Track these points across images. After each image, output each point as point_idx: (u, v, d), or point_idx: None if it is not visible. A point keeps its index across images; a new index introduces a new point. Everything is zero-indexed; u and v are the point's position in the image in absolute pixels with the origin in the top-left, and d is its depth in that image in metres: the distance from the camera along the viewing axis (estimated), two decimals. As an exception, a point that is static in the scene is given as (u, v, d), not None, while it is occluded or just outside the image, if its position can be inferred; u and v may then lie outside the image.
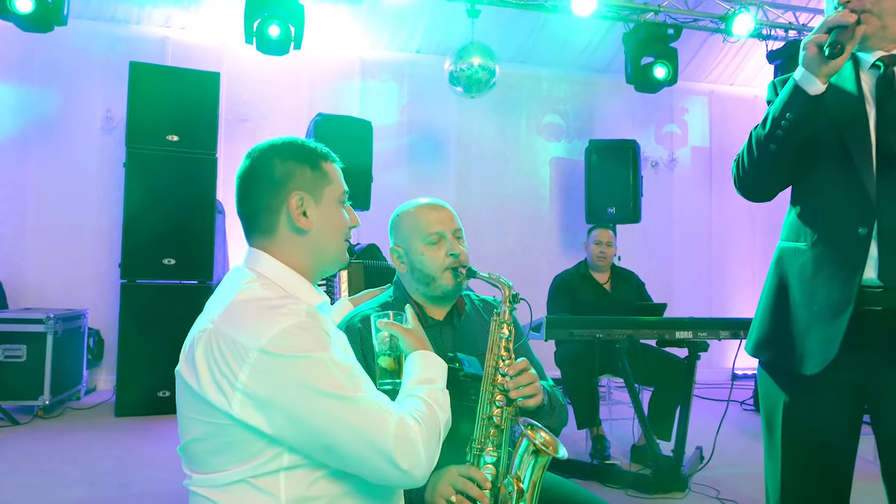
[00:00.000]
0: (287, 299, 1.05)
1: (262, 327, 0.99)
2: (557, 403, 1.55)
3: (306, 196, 1.14)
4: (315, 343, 1.00)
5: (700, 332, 3.10)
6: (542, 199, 6.02)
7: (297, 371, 0.98)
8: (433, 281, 1.54)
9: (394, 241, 1.61)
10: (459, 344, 1.58)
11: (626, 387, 3.09)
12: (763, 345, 1.49)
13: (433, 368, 1.21)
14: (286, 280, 1.12)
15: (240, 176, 1.16)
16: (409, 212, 1.59)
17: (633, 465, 3.30)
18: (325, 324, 1.09)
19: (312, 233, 1.14)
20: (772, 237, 6.49)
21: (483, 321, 1.63)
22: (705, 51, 6.02)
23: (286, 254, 1.14)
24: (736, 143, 6.57)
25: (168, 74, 4.49)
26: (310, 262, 1.16)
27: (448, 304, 1.60)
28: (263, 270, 1.12)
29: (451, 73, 4.72)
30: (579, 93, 6.14)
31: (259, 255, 1.14)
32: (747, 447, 3.83)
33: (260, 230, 1.14)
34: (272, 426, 0.98)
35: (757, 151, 1.47)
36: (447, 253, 1.53)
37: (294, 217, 1.12)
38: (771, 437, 1.47)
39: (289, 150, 1.16)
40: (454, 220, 1.58)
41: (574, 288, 3.77)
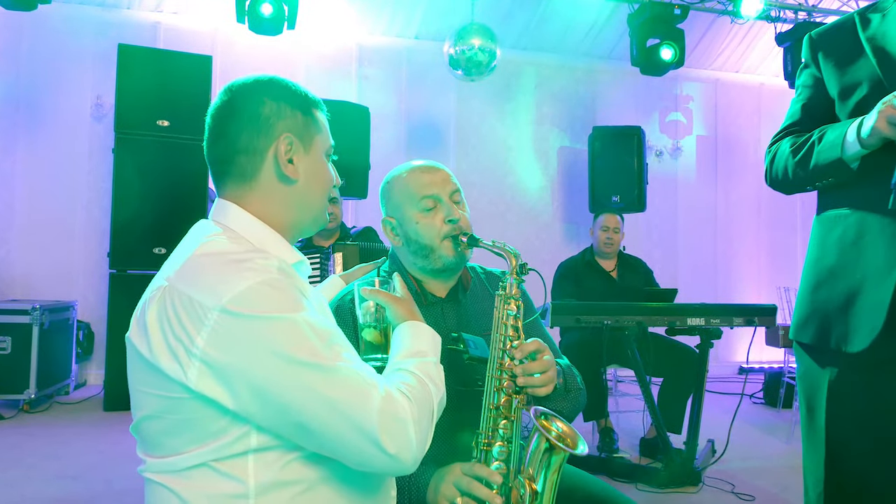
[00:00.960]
0: (255, 253, 0.91)
1: (224, 284, 0.85)
2: (573, 385, 1.39)
3: (296, 141, 1.00)
4: (286, 302, 0.86)
5: (713, 319, 2.96)
6: (543, 188, 5.88)
7: (264, 334, 0.83)
8: (431, 252, 1.37)
9: (385, 212, 1.44)
10: (464, 322, 1.42)
11: (637, 377, 2.95)
12: (803, 324, 1.36)
13: (424, 340, 1.07)
14: (258, 235, 0.98)
15: (215, 113, 1.01)
16: (399, 176, 1.42)
17: (643, 459, 3.17)
18: (301, 283, 0.95)
19: (299, 183, 1.01)
20: (778, 227, 6.42)
21: (490, 296, 1.45)
22: (711, 36, 5.87)
23: (264, 205, 1.00)
24: (741, 132, 6.47)
25: (158, 57, 4.35)
26: (291, 217, 1.02)
27: (451, 279, 1.44)
28: (231, 223, 0.98)
29: (451, 55, 4.58)
30: (581, 80, 6.00)
31: (228, 207, 1.00)
32: (760, 440, 3.70)
33: (236, 176, 0.99)
34: (235, 400, 0.84)
35: (793, 176, 1.39)
36: (445, 219, 1.36)
37: (281, 163, 0.98)
38: (812, 424, 1.32)
39: (279, 90, 1.02)
40: (451, 180, 1.41)
41: (579, 275, 3.63)
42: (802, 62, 1.47)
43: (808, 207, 6.48)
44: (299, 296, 0.89)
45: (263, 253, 0.93)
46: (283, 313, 0.85)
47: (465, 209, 1.41)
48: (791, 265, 6.43)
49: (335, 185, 1.09)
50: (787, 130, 1.45)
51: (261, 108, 0.99)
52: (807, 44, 1.46)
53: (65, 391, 4.35)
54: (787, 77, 4.86)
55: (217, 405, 0.84)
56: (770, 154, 1.47)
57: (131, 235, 4.08)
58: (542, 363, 1.20)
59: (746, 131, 6.42)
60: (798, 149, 1.36)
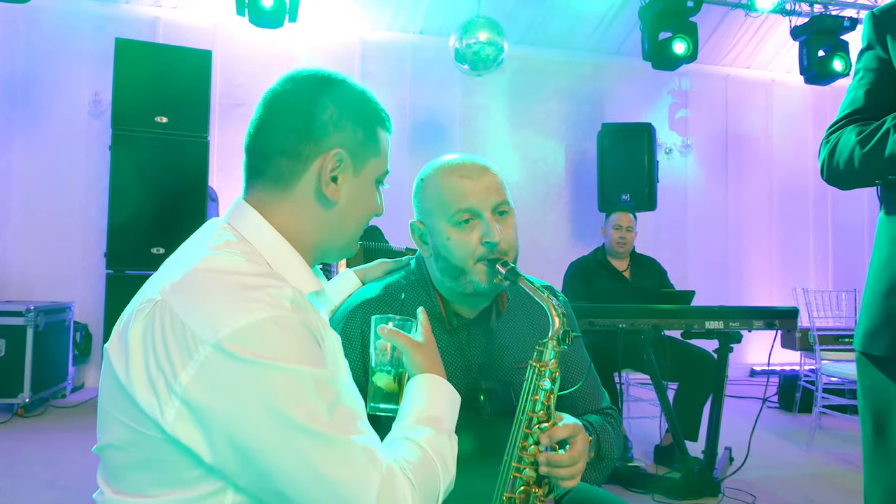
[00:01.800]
0: (270, 279, 0.78)
1: (224, 314, 0.72)
2: (608, 451, 1.17)
3: (347, 160, 0.88)
4: (294, 349, 0.74)
5: (732, 323, 2.83)
6: (551, 186, 5.76)
7: (260, 383, 0.71)
8: (462, 275, 1.14)
9: (417, 213, 1.21)
10: (494, 352, 1.20)
11: (653, 382, 2.82)
12: (875, 334, 1.22)
13: (442, 403, 0.93)
14: (276, 252, 0.84)
15: (269, 99, 0.88)
16: (435, 175, 1.17)
17: (659, 468, 3.04)
18: (317, 320, 0.82)
19: (337, 207, 0.88)
20: (790, 226, 6.28)
21: (529, 316, 1.25)
22: (723, 30, 5.74)
23: (292, 219, 0.87)
24: (752, 129, 6.34)
25: (156, 52, 4.24)
26: (318, 240, 0.89)
27: (482, 303, 1.21)
28: (249, 233, 0.85)
29: (457, 49, 4.45)
30: (589, 76, 5.87)
31: (249, 212, 0.86)
32: (778, 447, 3.57)
33: (270, 178, 0.86)
34: (213, 452, 0.72)
35: (860, 168, 1.26)
36: (482, 238, 1.12)
37: (324, 179, 0.86)
38: (883, 444, 1.19)
39: (348, 98, 0.89)
40: (497, 189, 1.14)
41: (591, 275, 3.51)
42: (864, 44, 1.34)
43: (819, 206, 6.35)
44: (311, 342, 0.76)
45: (278, 280, 0.79)
46: (287, 362, 0.72)
47: (511, 226, 1.16)
48: (803, 265, 6.31)
49: (377, 214, 0.96)
50: (848, 118, 1.32)
51: (321, 111, 0.86)
52: (869, 23, 1.32)
53: (61, 394, 4.24)
54: (803, 72, 4.73)
55: (192, 454, 0.72)
56: (828, 145, 1.34)
57: (129, 235, 3.97)
58: (573, 454, 0.99)
59: (757, 128, 6.29)
60: (868, 137, 1.23)
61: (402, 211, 1.23)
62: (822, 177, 1.37)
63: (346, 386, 0.83)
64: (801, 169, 6.31)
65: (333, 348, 0.86)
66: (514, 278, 1.09)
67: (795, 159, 6.31)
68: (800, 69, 4.76)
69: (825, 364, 3.62)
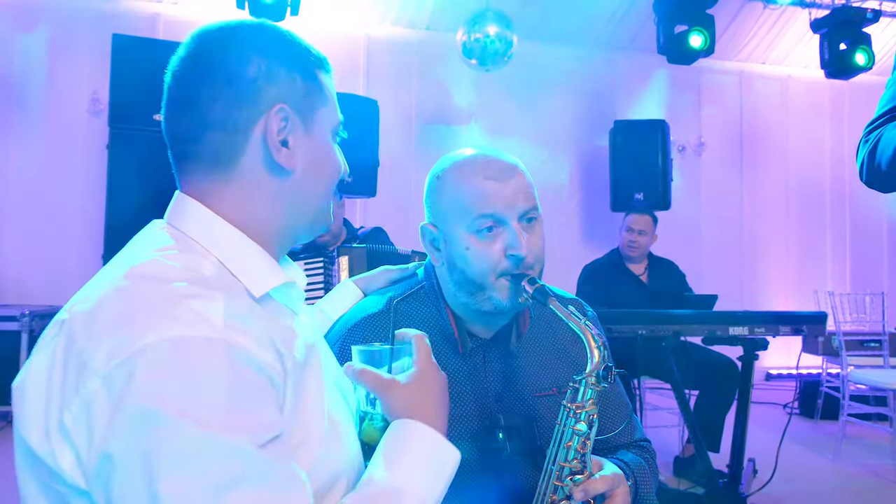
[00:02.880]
0: (199, 287, 0.62)
1: (126, 334, 0.57)
2: (645, 495, 1.03)
3: (293, 117, 0.73)
4: (202, 391, 0.56)
5: (757, 328, 2.68)
6: (561, 185, 5.61)
7: (137, 440, 0.54)
8: (480, 291, 0.98)
9: (428, 215, 1.05)
10: (511, 377, 1.05)
11: (674, 391, 2.67)
12: None
13: (411, 464, 0.71)
14: (231, 248, 0.70)
15: (177, 70, 0.73)
16: (454, 173, 1.01)
17: (681, 482, 2.89)
18: (276, 331, 0.66)
19: (296, 175, 0.74)
20: (808, 227, 6.11)
21: (554, 336, 1.09)
22: (738, 24, 5.57)
23: (243, 204, 0.72)
24: (768, 126, 6.17)
25: (155, 48, 4.12)
26: (281, 221, 0.75)
27: (501, 322, 1.06)
28: (191, 230, 0.70)
29: (465, 43, 4.30)
30: (601, 72, 5.72)
31: (189, 206, 0.72)
32: (803, 458, 3.41)
33: (205, 163, 0.72)
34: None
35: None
36: (506, 250, 0.97)
37: (272, 146, 0.71)
38: None
39: (271, 42, 0.74)
40: (525, 194, 0.99)
41: (606, 279, 3.36)
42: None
43: (837, 206, 6.18)
44: (242, 377, 0.58)
45: (212, 288, 0.63)
46: (182, 416, 0.54)
47: (539, 235, 1.01)
48: (821, 267, 6.14)
49: (344, 176, 0.81)
50: (888, 115, 1.20)
51: (244, 66, 0.71)
52: None
53: (58, 401, 4.13)
54: (824, 66, 4.56)
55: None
56: (868, 144, 1.21)
57: (127, 235, 3.80)
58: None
59: (773, 125, 6.12)
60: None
61: (409, 212, 1.07)
62: (860, 178, 1.24)
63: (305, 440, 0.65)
64: (819, 167, 6.15)
65: (310, 360, 0.71)
66: (544, 299, 0.93)
67: (812, 158, 6.15)
68: (820, 63, 4.59)
69: (852, 371, 3.46)
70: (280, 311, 0.73)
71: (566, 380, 0.92)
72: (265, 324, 0.66)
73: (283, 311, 0.74)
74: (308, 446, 0.65)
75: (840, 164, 6.21)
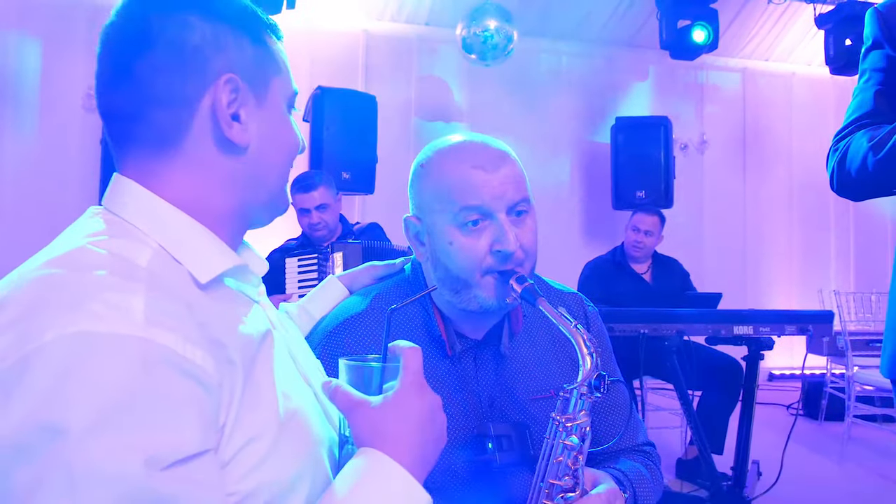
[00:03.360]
0: (119, 279, 0.55)
1: (26, 330, 0.50)
2: (643, 501, 0.96)
3: (244, 87, 0.66)
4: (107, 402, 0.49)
5: (762, 328, 2.63)
6: (561, 184, 5.54)
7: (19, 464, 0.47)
8: (464, 289, 0.91)
9: (413, 208, 0.98)
10: (504, 380, 0.98)
11: (677, 392, 2.61)
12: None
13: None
14: (173, 232, 0.63)
15: (115, 39, 0.65)
16: (439, 160, 0.94)
17: (684, 485, 2.83)
18: (218, 322, 0.59)
19: (251, 152, 0.67)
20: (811, 227, 6.04)
21: (551, 335, 1.02)
22: (741, 20, 5.51)
23: (191, 185, 0.65)
24: (771, 124, 6.10)
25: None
26: (234, 203, 0.67)
27: (491, 321, 0.99)
28: (130, 214, 0.63)
29: (464, 38, 4.24)
30: (601, 69, 5.66)
31: (127, 188, 0.65)
32: (808, 459, 3.35)
33: (147, 142, 0.65)
34: None
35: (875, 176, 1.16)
36: (492, 246, 0.90)
37: (222, 120, 0.64)
38: None
39: (218, 7, 0.66)
40: (515, 184, 0.92)
41: (608, 278, 3.30)
42: (869, 42, 1.22)
43: (841, 204, 6.11)
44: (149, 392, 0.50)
45: (142, 278, 0.56)
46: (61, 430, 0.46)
47: (530, 229, 0.94)
48: (824, 266, 6.08)
49: (301, 149, 0.74)
50: (857, 124, 1.21)
51: (188, 31, 0.64)
52: (873, 19, 1.19)
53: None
54: (829, 62, 4.50)
55: None
56: (837, 153, 1.23)
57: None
58: None
59: (777, 124, 6.06)
60: (881, 143, 1.11)
61: (407, 209, 1.00)
62: (832, 188, 1.27)
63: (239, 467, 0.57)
64: (823, 166, 5.97)
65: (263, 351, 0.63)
66: (533, 300, 0.86)
67: (816, 156, 6.01)
68: (825, 59, 4.53)
69: (858, 372, 3.39)
70: (235, 299, 0.67)
71: (565, 381, 0.86)
72: (208, 315, 0.59)
73: (238, 298, 0.68)
74: (258, 443, 0.59)
75: (844, 163, 6.15)
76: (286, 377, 0.66)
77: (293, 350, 0.73)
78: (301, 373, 0.72)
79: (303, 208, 2.64)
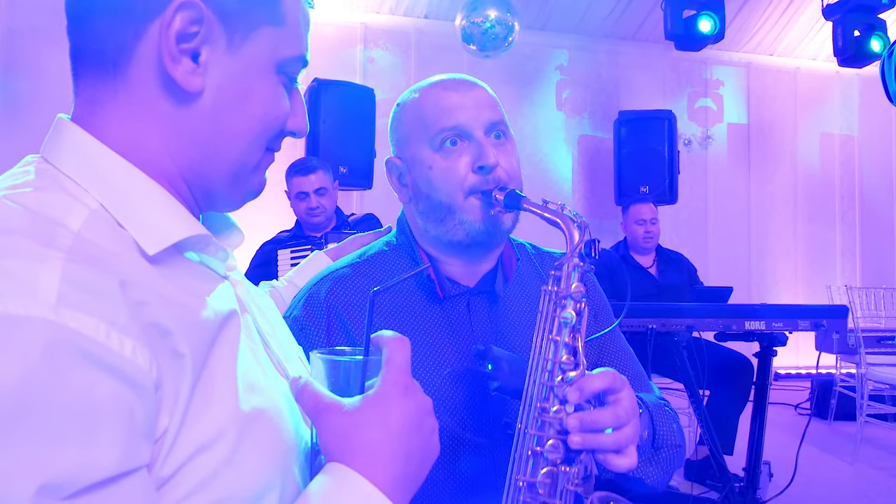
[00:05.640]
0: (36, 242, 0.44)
1: None
2: (667, 437, 0.88)
3: (214, 22, 0.53)
4: None
5: (775, 323, 2.53)
6: (563, 179, 5.45)
7: None
8: (449, 214, 0.88)
9: (394, 149, 0.97)
10: (502, 328, 0.93)
11: (687, 390, 2.51)
12: None
13: None
14: (117, 187, 0.51)
15: None
16: (412, 98, 0.93)
17: (695, 487, 2.73)
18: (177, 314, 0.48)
19: (203, 103, 0.54)
20: (816, 223, 5.95)
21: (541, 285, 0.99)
22: (746, 13, 5.42)
23: (132, 127, 0.54)
24: (775, 119, 6.01)
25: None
26: (183, 162, 0.55)
27: (483, 259, 0.94)
28: (64, 163, 0.52)
29: (464, 29, 4.14)
30: (604, 63, 5.57)
31: (65, 130, 0.54)
32: (819, 459, 3.25)
33: (92, 57, 0.54)
34: None
35: None
36: (473, 164, 0.87)
37: (166, 54, 0.52)
38: None
39: None
40: (490, 105, 0.90)
41: (614, 272, 3.20)
42: None
43: (846, 199, 6.04)
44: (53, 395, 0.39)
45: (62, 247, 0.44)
46: None
47: (512, 155, 0.90)
48: (830, 262, 5.99)
49: (291, 130, 0.61)
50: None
51: None
52: None
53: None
54: (837, 53, 4.40)
55: None
56: (893, 58, 1.12)
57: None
58: (618, 411, 0.70)
59: (781, 118, 5.97)
60: None
61: None
62: (890, 100, 1.15)
63: None
64: (828, 161, 6.00)
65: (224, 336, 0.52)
66: (517, 203, 0.83)
67: (821, 151, 6.00)
68: (833, 50, 4.43)
69: (871, 370, 3.30)
70: (194, 274, 0.55)
71: None
72: (151, 294, 0.47)
73: (200, 273, 0.56)
74: (211, 452, 0.47)
75: (850, 158, 6.07)
76: (254, 368, 0.55)
77: (268, 334, 0.62)
78: (275, 362, 0.60)
79: (301, 191, 2.60)
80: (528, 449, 0.71)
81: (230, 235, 0.63)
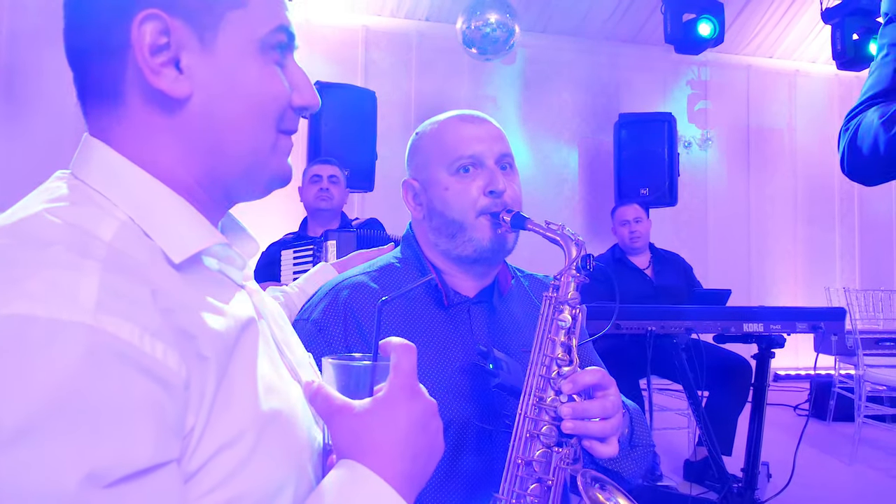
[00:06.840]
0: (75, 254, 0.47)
1: None
2: (643, 438, 1.00)
3: (179, 26, 0.55)
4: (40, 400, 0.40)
5: (773, 325, 2.55)
6: (564, 181, 5.47)
7: None
8: (460, 231, 1.01)
9: (411, 172, 1.11)
10: (497, 334, 1.06)
11: (686, 392, 2.54)
12: None
13: None
14: (143, 200, 0.55)
15: None
16: (433, 126, 1.08)
17: (693, 487, 2.75)
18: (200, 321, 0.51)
19: (193, 106, 0.56)
20: (815, 225, 5.98)
21: (534, 304, 1.10)
22: (745, 16, 5.45)
23: (140, 150, 0.57)
24: (775, 122, 6.04)
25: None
26: (197, 169, 0.58)
27: (484, 275, 1.07)
28: (95, 179, 0.55)
29: (465, 32, 4.17)
30: (604, 66, 5.59)
31: (94, 148, 0.57)
32: (817, 460, 3.27)
33: (94, 91, 0.57)
34: None
35: (886, 155, 1.08)
36: (485, 188, 1.00)
37: (144, 68, 0.54)
38: None
39: None
40: (501, 140, 1.04)
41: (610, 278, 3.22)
42: (886, 15, 1.14)
43: (846, 202, 6.06)
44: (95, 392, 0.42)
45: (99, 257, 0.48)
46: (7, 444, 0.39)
47: (517, 183, 1.05)
48: (829, 264, 6.01)
49: (300, 105, 0.61)
50: (868, 102, 1.13)
51: None
52: None
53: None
54: (836, 57, 4.43)
55: None
56: (848, 133, 1.13)
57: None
58: (605, 404, 0.81)
59: (780, 121, 6.00)
60: (893, 119, 1.03)
61: (404, 209, 1.04)
62: (842, 170, 1.17)
63: None
64: (827, 164, 6.02)
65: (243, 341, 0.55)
66: (521, 224, 0.97)
67: (820, 154, 6.02)
68: (832, 54, 4.46)
69: (869, 371, 3.32)
70: (215, 282, 0.58)
71: None
72: (178, 301, 0.50)
73: (219, 281, 0.59)
74: (233, 449, 0.51)
75: (849, 161, 6.10)
76: (271, 372, 0.58)
77: (281, 341, 0.65)
78: (289, 366, 0.64)
79: (316, 175, 2.78)
80: (527, 432, 0.82)
81: (245, 245, 0.65)
